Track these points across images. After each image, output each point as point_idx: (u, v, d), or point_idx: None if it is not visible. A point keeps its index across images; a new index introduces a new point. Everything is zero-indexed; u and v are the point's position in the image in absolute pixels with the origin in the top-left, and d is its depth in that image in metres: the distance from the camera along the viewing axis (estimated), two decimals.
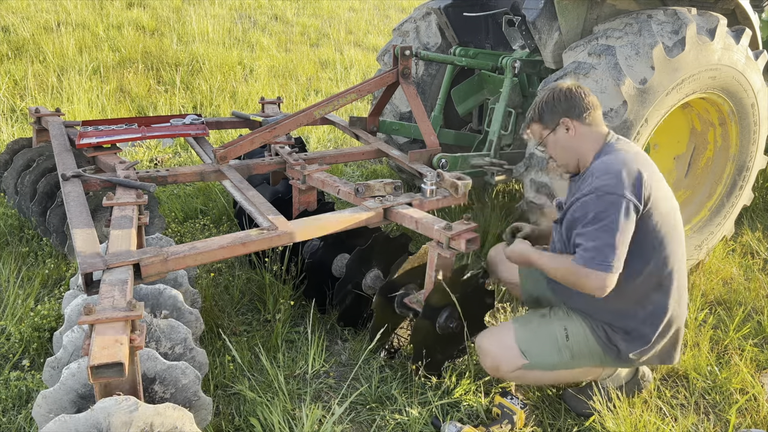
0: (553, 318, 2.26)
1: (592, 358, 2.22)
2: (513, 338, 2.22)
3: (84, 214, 2.21)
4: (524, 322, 2.30)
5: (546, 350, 2.20)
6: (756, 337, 2.94)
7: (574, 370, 2.27)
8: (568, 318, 2.23)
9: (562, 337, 2.20)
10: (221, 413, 2.25)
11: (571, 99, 2.10)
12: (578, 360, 2.21)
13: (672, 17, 2.85)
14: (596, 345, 2.19)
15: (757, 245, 3.88)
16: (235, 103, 6.19)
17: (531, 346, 2.20)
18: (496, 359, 2.22)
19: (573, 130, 2.12)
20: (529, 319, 2.32)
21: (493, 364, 2.24)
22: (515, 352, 2.19)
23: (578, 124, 2.12)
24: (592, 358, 2.22)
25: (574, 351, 2.20)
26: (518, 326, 2.26)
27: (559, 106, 2.11)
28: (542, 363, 2.20)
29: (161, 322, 1.95)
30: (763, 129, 3.46)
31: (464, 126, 4.41)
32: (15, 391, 2.26)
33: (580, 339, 2.19)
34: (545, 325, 2.24)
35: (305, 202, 2.99)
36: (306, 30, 9.69)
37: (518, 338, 2.21)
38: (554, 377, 2.29)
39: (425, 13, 4.13)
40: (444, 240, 2.29)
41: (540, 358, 2.19)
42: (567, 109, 2.11)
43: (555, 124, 2.14)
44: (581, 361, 2.22)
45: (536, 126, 2.21)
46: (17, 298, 2.76)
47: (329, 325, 2.86)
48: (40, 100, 5.63)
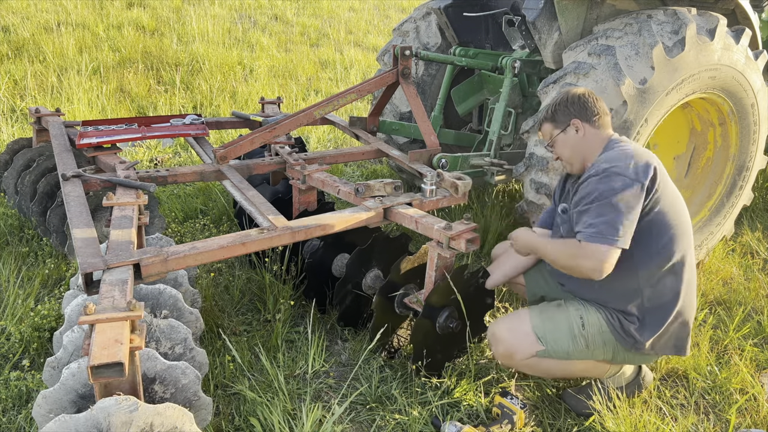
0: (569, 306, 2.28)
1: (606, 348, 2.23)
2: (529, 324, 2.23)
3: (84, 214, 2.21)
4: (540, 309, 2.31)
5: (562, 337, 2.21)
6: (756, 337, 2.94)
7: (584, 363, 2.27)
8: (583, 307, 2.26)
9: (578, 325, 2.21)
10: (221, 413, 2.25)
11: (583, 103, 2.23)
12: (592, 349, 2.22)
13: (672, 17, 2.85)
14: (610, 335, 2.21)
15: (757, 245, 3.88)
16: (235, 103, 6.19)
17: (547, 332, 2.21)
18: (511, 346, 2.22)
19: (582, 131, 2.23)
20: (545, 307, 2.33)
21: (507, 351, 2.23)
22: (531, 338, 2.20)
23: (587, 126, 2.24)
24: (606, 348, 2.23)
25: (589, 340, 2.21)
26: (534, 313, 2.28)
27: (572, 107, 2.24)
28: (557, 350, 2.20)
29: (161, 322, 1.95)
30: (763, 129, 3.46)
31: (464, 126, 4.42)
32: (15, 391, 2.26)
33: (595, 329, 2.21)
34: (562, 312, 2.26)
35: (305, 202, 2.99)
36: (306, 30, 9.70)
37: (534, 324, 2.23)
38: (565, 369, 2.28)
39: (425, 13, 4.13)
40: (444, 240, 2.29)
41: (556, 345, 2.20)
42: (578, 111, 2.23)
43: (566, 124, 2.25)
44: (595, 351, 2.23)
45: (548, 125, 2.33)
46: (17, 298, 2.76)
47: (329, 325, 2.87)
48: (40, 100, 5.63)
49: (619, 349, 2.24)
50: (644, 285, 2.15)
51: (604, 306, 2.23)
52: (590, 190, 2.07)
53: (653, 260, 2.13)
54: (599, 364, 2.30)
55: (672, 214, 2.12)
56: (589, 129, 2.23)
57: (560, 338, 2.21)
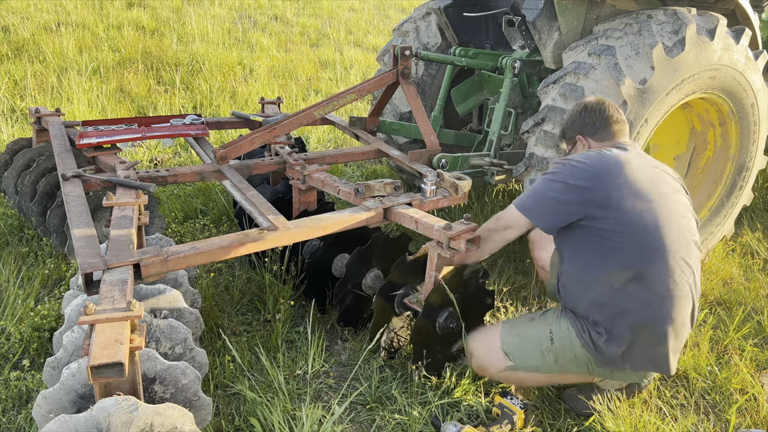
0: (540, 322, 2.28)
1: (578, 363, 2.20)
2: (498, 341, 2.27)
3: (84, 214, 2.20)
4: (511, 325, 2.33)
5: (529, 354, 2.22)
6: (756, 337, 2.94)
7: (560, 376, 2.28)
8: (556, 322, 2.24)
9: (547, 341, 2.21)
10: (221, 413, 2.25)
11: (586, 117, 2.31)
12: (562, 365, 2.21)
13: (672, 17, 2.85)
14: (582, 349, 2.17)
15: (757, 245, 3.88)
16: (235, 103, 6.19)
17: (514, 349, 2.24)
18: (482, 361, 2.29)
19: (587, 145, 2.33)
20: (517, 322, 2.35)
21: (479, 365, 2.31)
22: (500, 354, 2.24)
23: (591, 141, 2.32)
24: (578, 363, 2.20)
25: (558, 355, 2.20)
26: (505, 329, 2.30)
27: (575, 124, 2.34)
28: (526, 366, 2.22)
29: (161, 322, 1.95)
30: (763, 129, 3.46)
31: (464, 126, 4.41)
32: (15, 391, 2.26)
33: (565, 344, 2.19)
34: (531, 328, 2.27)
35: (305, 202, 2.99)
36: (306, 30, 9.70)
37: (503, 341, 2.26)
38: (543, 379, 2.30)
39: (425, 13, 4.13)
40: (444, 240, 2.29)
41: (523, 362, 2.22)
42: (581, 128, 2.32)
43: (573, 141, 2.37)
44: (566, 365, 2.22)
45: (562, 143, 2.51)
46: (17, 298, 2.76)
47: (329, 325, 2.87)
48: (40, 100, 5.63)
49: (593, 364, 2.19)
50: (605, 290, 2.11)
51: (579, 317, 2.19)
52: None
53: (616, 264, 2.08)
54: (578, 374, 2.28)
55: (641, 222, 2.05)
56: (593, 144, 2.30)
57: (528, 355, 2.22)
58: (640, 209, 2.06)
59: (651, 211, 2.07)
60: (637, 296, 2.08)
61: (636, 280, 2.07)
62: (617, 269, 2.09)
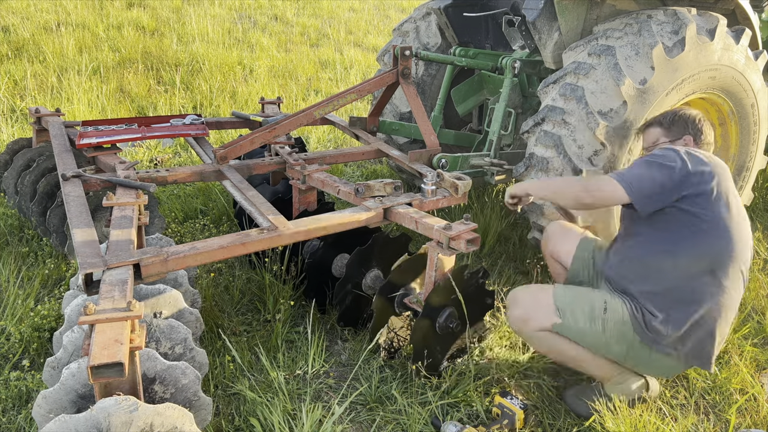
0: (597, 291, 2.31)
1: (621, 341, 2.21)
2: (551, 296, 2.25)
3: (84, 214, 2.20)
4: (568, 286, 2.36)
5: (581, 315, 2.20)
6: (756, 337, 2.94)
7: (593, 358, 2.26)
8: (610, 296, 2.26)
9: (600, 309, 2.21)
10: (221, 413, 2.25)
11: (700, 127, 2.40)
12: (608, 336, 2.20)
13: (672, 17, 2.85)
14: (630, 328, 2.19)
15: (757, 245, 3.88)
16: (235, 103, 6.19)
17: (567, 305, 2.21)
18: (528, 311, 2.23)
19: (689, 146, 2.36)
20: (572, 286, 2.37)
21: (523, 316, 2.24)
22: (551, 308, 2.21)
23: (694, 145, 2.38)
24: (621, 341, 2.21)
25: (607, 326, 2.20)
26: (560, 287, 2.32)
27: (690, 126, 2.39)
28: (573, 327, 2.20)
29: (161, 322, 1.95)
30: (763, 129, 3.46)
31: (464, 126, 4.42)
32: (15, 391, 2.26)
33: (617, 317, 2.21)
34: (587, 293, 2.29)
35: (305, 202, 2.99)
36: (306, 30, 9.70)
37: (557, 296, 2.24)
38: (574, 355, 2.26)
39: (425, 13, 4.13)
40: (444, 240, 2.29)
41: (572, 321, 2.19)
42: (694, 132, 2.39)
43: (678, 137, 2.39)
44: (610, 339, 2.21)
45: (658, 130, 2.45)
46: (17, 298, 2.76)
47: (329, 325, 2.87)
48: (40, 100, 5.63)
49: (635, 345, 2.20)
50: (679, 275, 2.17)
51: (634, 299, 2.23)
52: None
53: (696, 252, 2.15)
54: (608, 363, 2.29)
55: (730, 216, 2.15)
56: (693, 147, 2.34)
57: (579, 316, 2.20)
58: (730, 209, 2.17)
59: (736, 216, 2.18)
60: (708, 290, 2.16)
61: (711, 274, 2.15)
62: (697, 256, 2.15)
